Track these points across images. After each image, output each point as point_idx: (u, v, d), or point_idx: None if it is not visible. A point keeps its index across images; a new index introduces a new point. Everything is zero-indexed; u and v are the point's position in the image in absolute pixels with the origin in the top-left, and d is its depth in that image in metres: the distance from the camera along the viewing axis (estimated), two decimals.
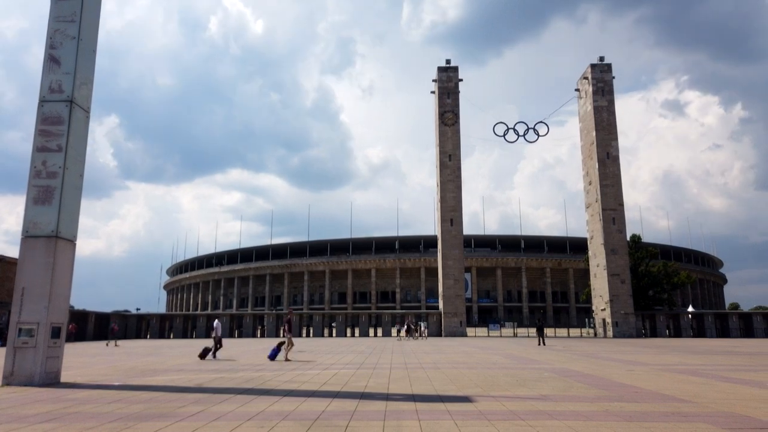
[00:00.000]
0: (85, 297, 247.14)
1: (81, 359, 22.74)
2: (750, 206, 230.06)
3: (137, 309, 73.17)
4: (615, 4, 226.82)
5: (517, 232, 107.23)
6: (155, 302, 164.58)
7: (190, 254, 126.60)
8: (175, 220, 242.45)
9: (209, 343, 33.70)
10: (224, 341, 33.79)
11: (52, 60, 14.24)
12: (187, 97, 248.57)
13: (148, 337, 55.07)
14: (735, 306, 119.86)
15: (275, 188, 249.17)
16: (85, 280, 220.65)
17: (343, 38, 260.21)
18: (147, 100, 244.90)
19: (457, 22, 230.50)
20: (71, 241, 13.88)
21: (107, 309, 66.57)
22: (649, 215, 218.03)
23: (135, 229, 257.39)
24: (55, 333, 13.10)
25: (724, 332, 54.33)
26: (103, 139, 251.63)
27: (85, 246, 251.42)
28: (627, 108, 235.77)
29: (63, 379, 13.46)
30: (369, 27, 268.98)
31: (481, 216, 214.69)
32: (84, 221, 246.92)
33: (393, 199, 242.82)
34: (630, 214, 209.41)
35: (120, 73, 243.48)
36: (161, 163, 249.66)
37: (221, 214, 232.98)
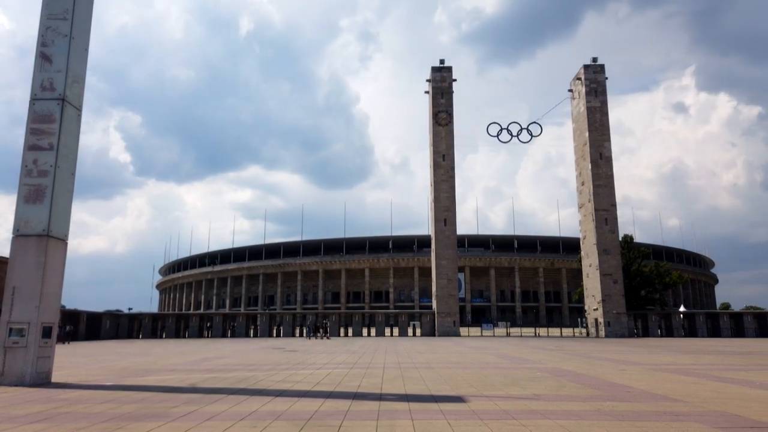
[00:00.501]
0: (83, 296, 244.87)
1: (73, 359, 22.60)
2: (755, 206, 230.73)
3: (129, 309, 72.84)
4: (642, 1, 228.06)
5: (523, 232, 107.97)
6: (149, 301, 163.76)
7: (186, 253, 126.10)
8: (178, 219, 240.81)
9: (204, 342, 33.59)
10: (217, 341, 33.82)
11: (43, 58, 14.13)
12: (204, 94, 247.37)
13: (141, 337, 54.81)
14: (726, 306, 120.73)
15: (289, 186, 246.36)
16: (83, 279, 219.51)
17: (367, 35, 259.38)
18: (163, 96, 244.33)
19: (491, 19, 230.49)
20: (63, 240, 13.78)
21: (105, 308, 66.31)
22: (655, 215, 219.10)
23: (137, 227, 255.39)
24: (46, 333, 13.00)
25: (715, 332, 54.71)
26: (117, 135, 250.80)
27: (85, 243, 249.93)
28: (638, 106, 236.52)
29: (54, 379, 13.37)
30: (395, 24, 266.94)
31: (487, 214, 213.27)
32: (87, 218, 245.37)
33: (406, 197, 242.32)
34: (635, 213, 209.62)
35: (138, 69, 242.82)
36: (174, 161, 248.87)
37: (230, 212, 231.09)
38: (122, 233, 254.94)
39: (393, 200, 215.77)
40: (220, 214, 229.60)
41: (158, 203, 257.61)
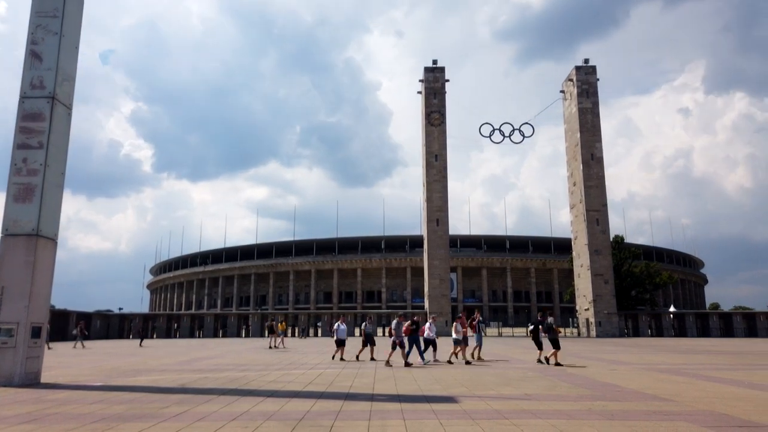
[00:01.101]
0: (79, 296, 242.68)
1: (62, 359, 22.42)
2: (756, 207, 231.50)
3: (120, 309, 72.37)
4: None
5: (526, 232, 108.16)
6: (139, 301, 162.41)
7: (178, 253, 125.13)
8: (181, 218, 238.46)
9: (195, 342, 33.39)
10: (209, 341, 33.52)
11: (33, 56, 14.02)
12: (225, 90, 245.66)
13: (131, 337, 54.48)
14: (715, 306, 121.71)
15: (307, 183, 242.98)
16: (76, 279, 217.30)
17: (392, 33, 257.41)
18: (183, 92, 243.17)
19: (528, 17, 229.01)
20: (52, 240, 13.67)
21: (99, 308, 65.72)
22: (655, 215, 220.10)
23: (140, 226, 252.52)
24: (36, 333, 12.89)
25: (704, 332, 55.16)
26: (132, 130, 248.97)
27: (86, 241, 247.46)
28: (651, 105, 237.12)
29: (43, 379, 13.26)
30: (420, 22, 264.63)
31: (494, 211, 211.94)
32: (90, 216, 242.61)
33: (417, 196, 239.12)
34: (638, 213, 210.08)
35: (159, 65, 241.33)
36: (189, 158, 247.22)
37: (240, 210, 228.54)
38: (124, 232, 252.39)
39: (401, 200, 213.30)
40: (230, 212, 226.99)
41: (163, 202, 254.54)
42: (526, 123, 59.89)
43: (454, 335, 19.38)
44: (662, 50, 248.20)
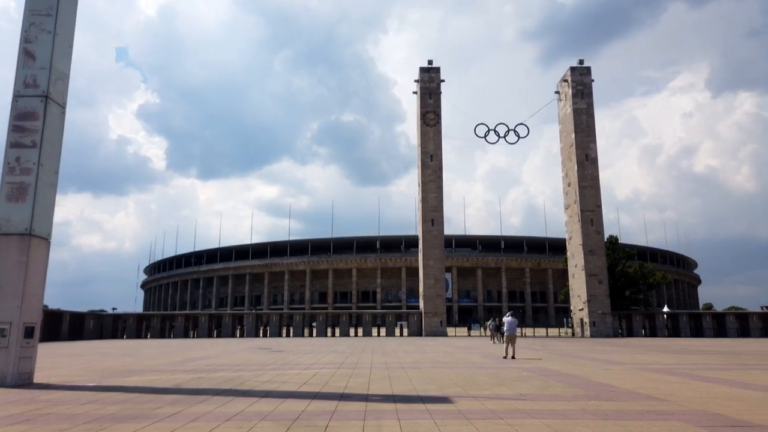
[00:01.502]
0: (77, 296, 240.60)
1: (55, 359, 22.29)
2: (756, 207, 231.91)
3: (114, 308, 72.10)
4: None
5: (529, 231, 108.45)
6: (134, 301, 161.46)
7: (179, 251, 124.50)
8: (183, 217, 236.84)
9: (189, 343, 33.27)
10: (202, 341, 33.32)
11: (26, 54, 13.93)
12: (238, 88, 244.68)
13: (125, 337, 54.26)
14: (709, 306, 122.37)
15: (320, 182, 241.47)
16: (74, 278, 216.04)
17: (418, 32, 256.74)
18: (194, 89, 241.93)
19: (552, 17, 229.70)
20: (45, 239, 13.59)
21: (94, 308, 65.42)
22: (654, 215, 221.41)
23: (144, 225, 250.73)
24: (29, 333, 12.81)
25: (698, 332, 55.43)
26: (139, 126, 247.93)
27: (89, 239, 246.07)
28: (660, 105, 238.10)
29: (36, 379, 13.18)
30: (438, 18, 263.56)
31: (495, 210, 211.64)
32: (94, 215, 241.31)
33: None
34: (639, 213, 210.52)
35: (173, 62, 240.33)
36: (197, 157, 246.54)
37: (246, 209, 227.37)
38: (128, 230, 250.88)
39: (411, 199, 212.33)
40: (238, 211, 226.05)
41: (170, 200, 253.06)
42: (521, 123, 60.11)
43: None
44: (676, 50, 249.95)
